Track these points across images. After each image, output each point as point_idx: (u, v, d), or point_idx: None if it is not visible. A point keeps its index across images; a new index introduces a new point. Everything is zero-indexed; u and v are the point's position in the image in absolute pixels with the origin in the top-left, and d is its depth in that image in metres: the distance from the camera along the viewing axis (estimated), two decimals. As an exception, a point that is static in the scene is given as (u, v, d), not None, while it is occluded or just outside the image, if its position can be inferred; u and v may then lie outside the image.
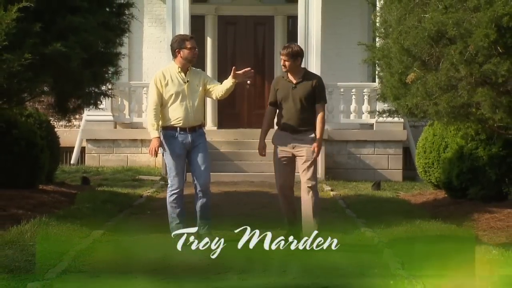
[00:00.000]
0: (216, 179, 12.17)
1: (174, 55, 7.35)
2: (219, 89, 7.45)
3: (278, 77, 7.70)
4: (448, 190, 10.60)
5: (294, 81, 7.37)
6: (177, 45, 7.31)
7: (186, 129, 7.30)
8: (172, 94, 7.25)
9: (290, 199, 7.51)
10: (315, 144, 7.29)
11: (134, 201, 10.43)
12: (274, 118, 7.59)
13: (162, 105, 7.30)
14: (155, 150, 7.22)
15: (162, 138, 7.32)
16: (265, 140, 7.57)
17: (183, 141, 7.29)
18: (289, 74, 7.41)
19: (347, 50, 15.46)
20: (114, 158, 14.92)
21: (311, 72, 7.66)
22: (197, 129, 7.38)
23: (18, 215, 8.43)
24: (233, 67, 7.44)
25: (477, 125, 8.38)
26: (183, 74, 7.32)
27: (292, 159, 7.42)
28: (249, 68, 7.46)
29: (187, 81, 7.31)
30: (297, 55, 7.34)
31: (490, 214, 8.96)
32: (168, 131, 7.29)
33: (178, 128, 7.28)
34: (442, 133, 10.97)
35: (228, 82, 7.40)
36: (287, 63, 7.33)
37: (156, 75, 7.36)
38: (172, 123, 7.28)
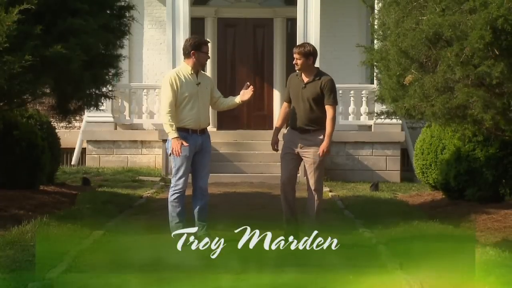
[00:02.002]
0: (216, 180, 12.23)
1: (188, 56, 7.34)
2: (224, 103, 7.58)
3: (293, 74, 7.70)
4: (445, 191, 10.65)
5: (305, 81, 7.42)
6: (193, 47, 7.31)
7: (197, 131, 7.34)
8: (187, 96, 7.26)
9: (291, 197, 7.54)
10: (324, 144, 7.31)
11: (134, 202, 10.46)
12: (288, 114, 7.62)
13: (175, 106, 7.30)
14: (178, 150, 7.21)
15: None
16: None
17: (194, 143, 7.31)
18: (302, 73, 7.45)
19: (345, 52, 15.52)
20: (115, 159, 14.98)
21: (324, 73, 7.58)
22: (205, 131, 7.45)
23: (19, 215, 8.47)
24: (250, 86, 7.44)
25: (474, 127, 8.43)
26: (195, 76, 7.37)
27: (297, 158, 7.46)
28: (252, 87, 7.47)
29: (199, 83, 7.36)
30: (309, 54, 7.37)
31: (487, 215, 9.01)
32: (180, 132, 7.26)
33: (190, 130, 7.31)
34: (440, 134, 11.02)
35: (236, 100, 7.50)
36: (299, 62, 7.37)
37: (170, 75, 7.33)
38: (184, 124, 7.28)
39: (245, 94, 7.47)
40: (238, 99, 7.53)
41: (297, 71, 7.50)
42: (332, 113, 7.36)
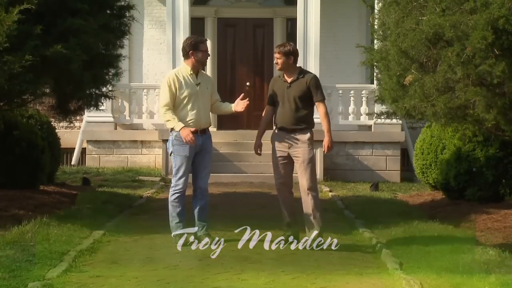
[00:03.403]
0: (216, 180, 12.23)
1: (187, 57, 7.34)
2: (219, 108, 7.57)
3: (275, 77, 7.72)
4: (445, 191, 10.66)
5: (288, 80, 7.40)
6: (191, 47, 7.30)
7: (198, 131, 7.32)
8: (186, 96, 7.25)
9: (288, 199, 7.51)
10: (326, 140, 7.29)
11: (134, 202, 10.46)
12: (272, 117, 7.62)
13: (174, 107, 7.29)
14: (191, 138, 7.16)
15: (173, 138, 7.31)
16: (262, 140, 7.63)
17: (195, 143, 7.31)
18: (284, 73, 7.44)
19: (345, 52, 15.52)
20: (115, 159, 14.98)
21: (306, 71, 7.61)
22: (206, 131, 7.43)
23: (19, 215, 8.47)
24: (246, 99, 7.42)
25: (474, 127, 8.43)
26: (194, 76, 7.35)
27: (289, 159, 7.42)
28: (247, 99, 7.45)
29: (199, 83, 7.35)
30: (289, 53, 7.34)
31: (487, 215, 9.02)
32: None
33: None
34: (440, 134, 11.03)
35: (230, 108, 7.48)
36: (279, 61, 7.36)
37: (169, 76, 7.33)
38: (184, 124, 7.26)
39: (239, 105, 7.43)
40: (233, 107, 7.51)
41: (278, 71, 7.48)
42: (324, 109, 7.37)
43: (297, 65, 7.54)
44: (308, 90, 7.33)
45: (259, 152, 7.58)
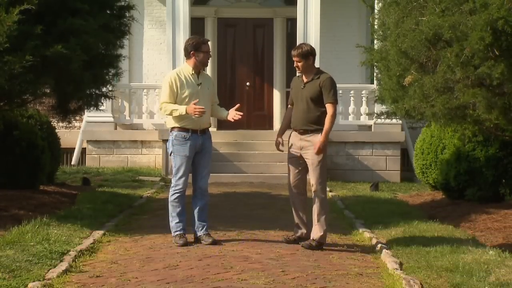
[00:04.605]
0: (216, 180, 12.24)
1: (188, 57, 7.35)
2: (215, 111, 7.58)
3: (296, 76, 7.65)
4: (445, 191, 10.67)
5: (305, 81, 7.34)
6: (193, 47, 7.30)
7: (198, 131, 7.33)
8: (187, 96, 7.25)
9: (297, 201, 7.40)
10: (319, 141, 7.11)
11: (134, 202, 10.47)
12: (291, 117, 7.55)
13: None
14: (199, 109, 7.09)
15: (173, 138, 7.32)
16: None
17: (194, 143, 7.30)
18: (303, 74, 7.39)
19: (345, 52, 15.53)
20: (115, 159, 14.99)
21: (323, 72, 7.41)
22: (206, 132, 7.44)
23: (19, 215, 8.47)
24: (240, 113, 7.44)
25: (474, 127, 8.44)
26: (196, 76, 7.35)
27: (302, 160, 7.32)
28: (241, 113, 7.48)
29: (200, 83, 7.35)
30: (308, 54, 7.25)
31: (487, 215, 9.03)
32: (180, 132, 7.29)
33: (190, 130, 7.30)
34: (440, 134, 11.04)
35: (224, 115, 7.49)
36: (299, 64, 7.26)
37: (170, 76, 7.34)
38: (184, 124, 7.28)
39: (230, 114, 7.41)
40: (227, 116, 7.49)
41: (298, 73, 7.44)
42: (332, 111, 7.18)
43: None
44: (321, 92, 7.20)
45: (280, 148, 7.42)
